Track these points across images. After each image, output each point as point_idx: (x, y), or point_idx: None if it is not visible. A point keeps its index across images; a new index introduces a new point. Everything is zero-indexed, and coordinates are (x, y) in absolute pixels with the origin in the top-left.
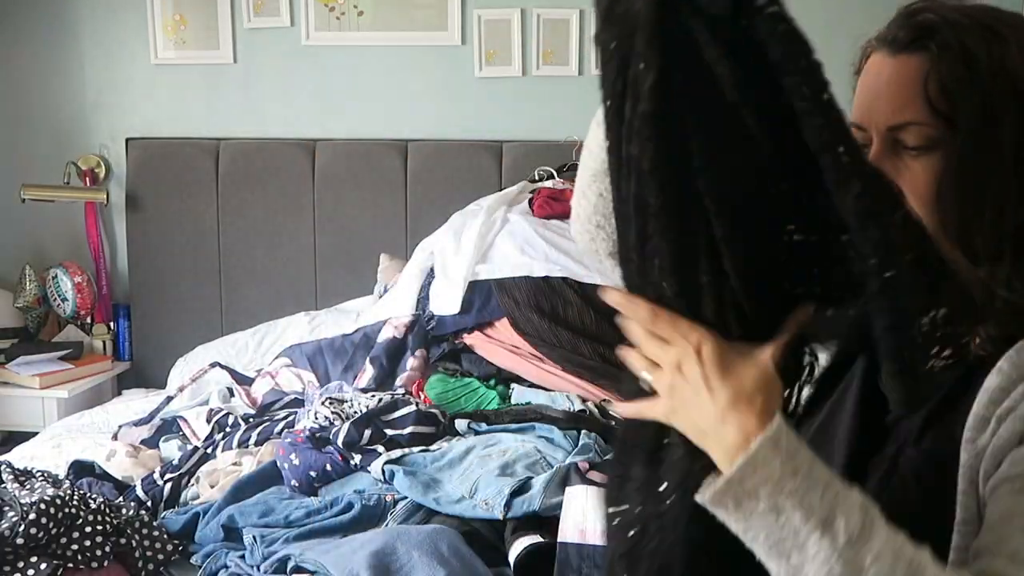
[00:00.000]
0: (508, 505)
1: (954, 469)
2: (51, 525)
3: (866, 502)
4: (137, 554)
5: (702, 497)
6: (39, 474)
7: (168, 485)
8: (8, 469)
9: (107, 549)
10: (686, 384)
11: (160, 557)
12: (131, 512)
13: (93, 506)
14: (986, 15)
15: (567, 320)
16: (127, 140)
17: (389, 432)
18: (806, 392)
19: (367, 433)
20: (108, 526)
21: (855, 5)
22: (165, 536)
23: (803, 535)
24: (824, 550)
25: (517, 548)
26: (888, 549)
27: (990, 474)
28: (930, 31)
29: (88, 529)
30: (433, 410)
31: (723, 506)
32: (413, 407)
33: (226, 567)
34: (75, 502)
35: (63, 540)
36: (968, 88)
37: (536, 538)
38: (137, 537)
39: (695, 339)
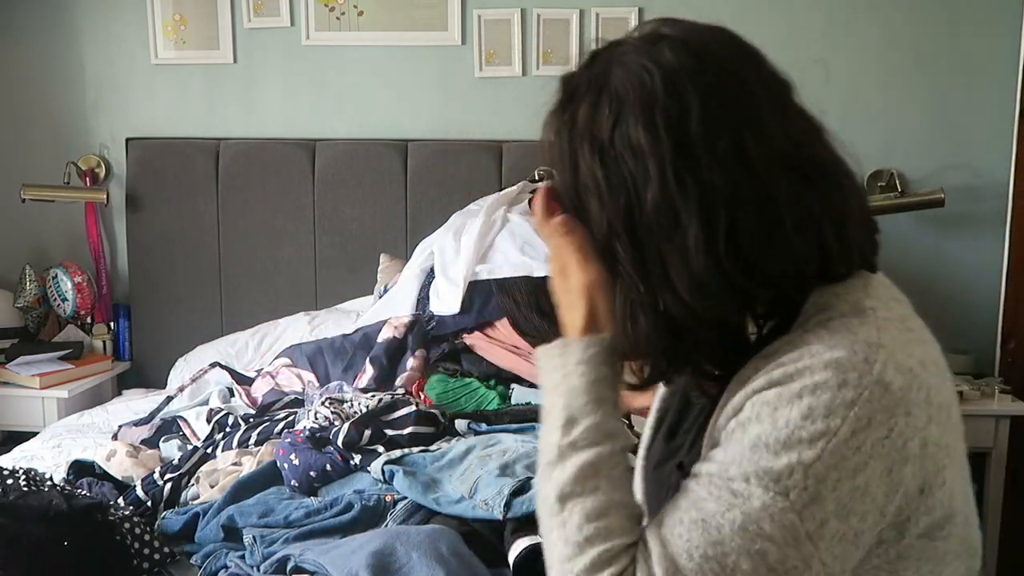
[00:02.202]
0: (508, 505)
1: None
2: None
3: (611, 431)
4: (132, 550)
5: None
6: (49, 479)
7: (168, 485)
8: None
9: None
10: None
11: (156, 557)
12: (126, 511)
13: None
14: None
15: None
16: (127, 140)
17: (389, 432)
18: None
19: (367, 433)
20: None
21: None
22: (157, 539)
23: (553, 416)
24: (553, 436)
25: (516, 549)
26: (582, 466)
27: None
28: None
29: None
30: (433, 410)
31: (537, 359)
32: (413, 407)
33: (226, 567)
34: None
35: None
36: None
37: (536, 539)
38: (129, 538)
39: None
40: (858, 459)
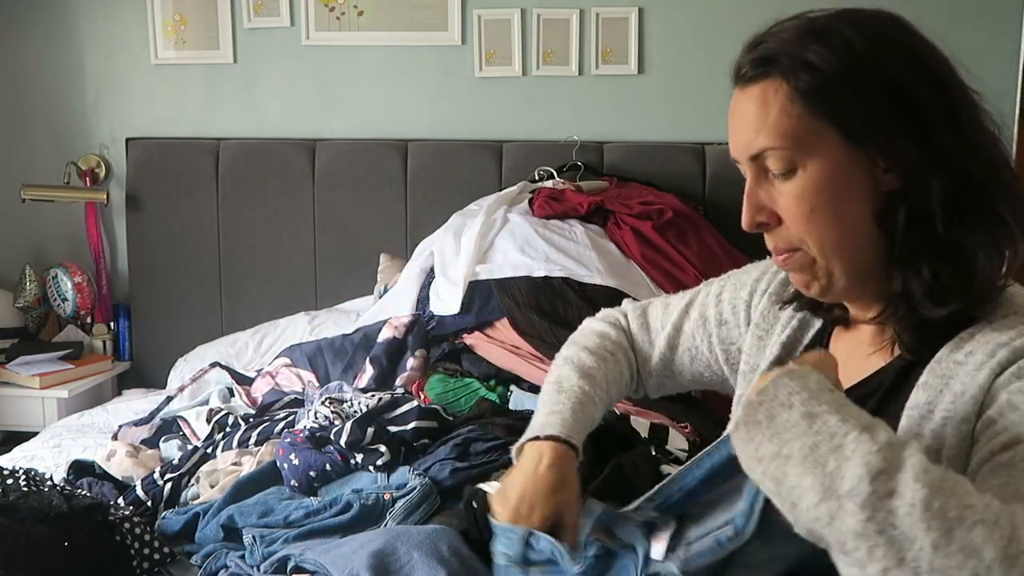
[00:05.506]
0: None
1: None
2: None
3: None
4: (132, 551)
5: (735, 421)
6: (49, 479)
7: (168, 485)
8: (23, 475)
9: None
10: None
11: (156, 557)
12: (126, 511)
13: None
14: (814, 24)
15: (567, 320)
16: (127, 140)
17: (392, 429)
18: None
19: (370, 431)
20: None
21: None
22: (157, 539)
23: (839, 436)
24: (864, 445)
25: None
26: (923, 456)
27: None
28: (770, 59)
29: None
30: (435, 406)
31: (756, 423)
32: (415, 403)
33: (226, 567)
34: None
35: None
36: (830, 90)
37: None
38: (129, 538)
39: None
40: None
